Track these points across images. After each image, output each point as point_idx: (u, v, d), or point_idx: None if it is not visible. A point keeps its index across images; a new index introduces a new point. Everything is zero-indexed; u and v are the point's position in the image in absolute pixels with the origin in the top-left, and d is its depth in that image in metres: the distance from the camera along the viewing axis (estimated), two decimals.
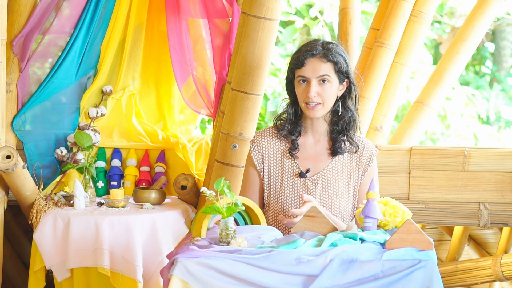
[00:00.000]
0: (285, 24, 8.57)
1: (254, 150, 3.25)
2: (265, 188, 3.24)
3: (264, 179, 3.24)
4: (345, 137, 3.21)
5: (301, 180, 3.19)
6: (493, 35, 10.03)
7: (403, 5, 4.31)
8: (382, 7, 4.54)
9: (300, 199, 3.17)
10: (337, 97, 3.19)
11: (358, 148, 3.22)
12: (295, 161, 3.21)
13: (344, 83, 3.19)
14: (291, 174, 3.20)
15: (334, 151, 3.21)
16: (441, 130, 8.73)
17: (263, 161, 3.24)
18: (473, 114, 8.96)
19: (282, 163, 3.22)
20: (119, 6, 4.14)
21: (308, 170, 3.19)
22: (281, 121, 3.27)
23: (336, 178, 3.19)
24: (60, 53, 4.03)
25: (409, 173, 3.97)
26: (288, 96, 3.26)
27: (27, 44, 3.94)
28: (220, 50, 4.04)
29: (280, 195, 3.20)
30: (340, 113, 3.20)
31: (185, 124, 4.48)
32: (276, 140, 3.25)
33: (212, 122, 4.19)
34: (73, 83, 4.09)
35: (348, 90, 3.21)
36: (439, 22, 9.35)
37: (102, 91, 4.20)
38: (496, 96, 9.55)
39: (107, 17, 4.14)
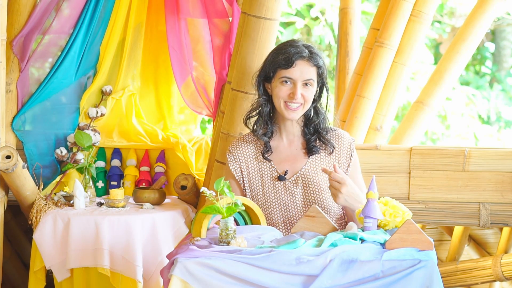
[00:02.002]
0: (285, 25, 8.57)
1: (231, 160, 3.25)
2: (247, 196, 3.24)
3: (246, 188, 3.24)
4: (317, 138, 3.22)
5: (281, 182, 3.19)
6: (493, 35, 10.03)
7: (403, 5, 4.31)
8: (382, 7, 4.54)
9: (283, 202, 3.18)
10: None
11: (334, 148, 3.22)
12: (272, 164, 3.21)
13: (318, 87, 3.20)
14: (270, 178, 3.21)
15: (310, 150, 3.21)
16: (441, 130, 8.74)
17: (241, 170, 3.24)
18: (473, 114, 8.97)
19: (260, 168, 3.22)
20: (118, 6, 4.14)
21: (286, 172, 3.20)
22: (250, 119, 3.27)
23: (315, 175, 3.19)
24: (59, 53, 4.03)
25: (409, 173, 3.97)
26: (259, 95, 3.23)
27: (27, 44, 3.94)
28: (220, 50, 4.04)
29: (263, 200, 3.20)
30: (311, 117, 3.21)
31: (185, 124, 4.48)
32: (251, 146, 3.25)
33: (212, 122, 4.19)
34: (72, 83, 4.09)
35: (319, 94, 3.22)
36: (439, 22, 9.36)
37: (102, 91, 4.19)
38: (496, 96, 9.56)
39: (106, 17, 4.14)
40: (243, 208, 2.94)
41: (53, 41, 4.03)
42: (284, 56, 3.13)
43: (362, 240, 2.77)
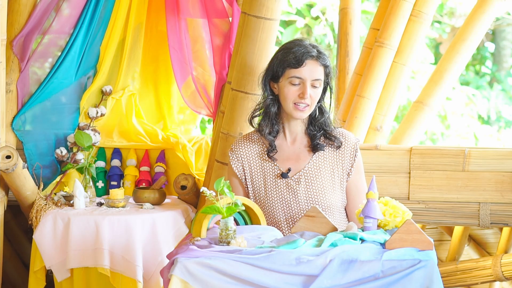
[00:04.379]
0: (286, 24, 8.57)
1: (233, 159, 3.25)
2: (250, 194, 3.24)
3: (248, 186, 3.24)
4: (322, 134, 3.21)
5: (284, 180, 3.19)
6: (493, 35, 10.03)
7: (403, 5, 4.31)
8: (382, 7, 4.54)
9: (285, 200, 3.18)
10: None
11: (341, 144, 3.21)
12: (275, 163, 3.21)
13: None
14: (273, 176, 3.20)
15: (314, 147, 3.21)
16: (441, 130, 8.74)
17: (243, 168, 3.24)
18: (473, 114, 8.97)
19: (263, 167, 3.22)
20: (118, 6, 4.14)
21: (289, 170, 3.19)
22: (255, 118, 3.26)
23: (318, 174, 3.19)
24: (59, 53, 4.03)
25: (409, 173, 3.97)
26: (265, 95, 3.22)
27: (27, 44, 3.95)
28: (220, 50, 4.04)
29: (265, 198, 3.20)
30: (316, 116, 3.21)
31: (185, 124, 4.48)
32: (253, 145, 3.24)
33: (212, 122, 4.19)
34: (73, 83, 4.09)
35: (323, 94, 3.21)
36: (439, 22, 9.36)
37: (102, 91, 4.20)
38: (496, 96, 9.56)
39: (106, 17, 4.14)
40: (243, 208, 2.94)
41: (53, 41, 4.04)
42: (294, 55, 3.12)
43: (362, 240, 2.77)
